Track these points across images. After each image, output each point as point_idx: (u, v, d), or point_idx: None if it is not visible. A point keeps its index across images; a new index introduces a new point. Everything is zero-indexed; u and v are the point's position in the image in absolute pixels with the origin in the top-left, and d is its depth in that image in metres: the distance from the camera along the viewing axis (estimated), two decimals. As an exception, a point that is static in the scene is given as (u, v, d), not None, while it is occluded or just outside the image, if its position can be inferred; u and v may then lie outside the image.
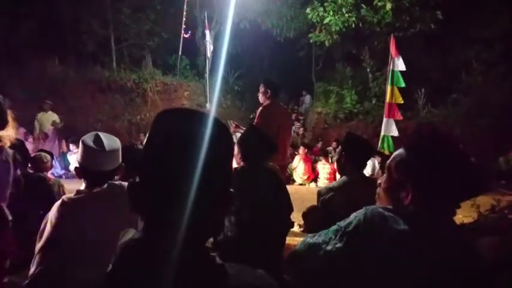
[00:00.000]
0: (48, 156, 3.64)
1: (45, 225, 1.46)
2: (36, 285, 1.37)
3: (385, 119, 5.38)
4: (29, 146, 6.96)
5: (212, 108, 9.35)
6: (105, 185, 1.49)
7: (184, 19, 10.55)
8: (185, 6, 10.50)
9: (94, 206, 1.44)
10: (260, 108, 3.59)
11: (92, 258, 1.28)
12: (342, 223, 1.03)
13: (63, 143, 7.98)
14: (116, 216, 1.18)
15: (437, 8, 8.97)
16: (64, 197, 1.53)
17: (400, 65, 5.38)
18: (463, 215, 3.53)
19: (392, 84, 5.37)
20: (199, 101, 11.10)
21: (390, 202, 1.04)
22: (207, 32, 10.14)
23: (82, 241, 1.36)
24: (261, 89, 3.65)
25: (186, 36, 10.86)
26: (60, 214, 1.45)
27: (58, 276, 1.37)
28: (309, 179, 7.64)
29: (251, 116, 10.25)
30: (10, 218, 2.29)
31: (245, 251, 1.77)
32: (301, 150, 7.78)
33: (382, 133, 5.35)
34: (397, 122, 5.38)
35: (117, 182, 1.50)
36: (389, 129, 5.29)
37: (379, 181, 1.12)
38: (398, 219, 0.95)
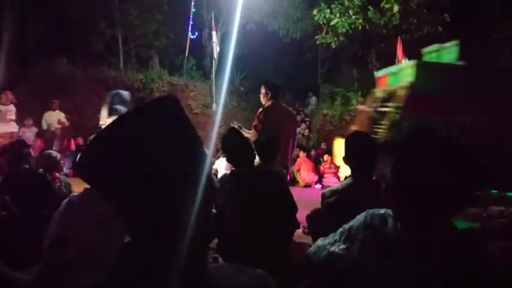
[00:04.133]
0: (56, 154, 3.66)
1: (53, 223, 1.48)
2: (42, 282, 1.39)
3: (391, 122, 5.33)
4: (40, 145, 7.04)
5: (218, 109, 9.37)
6: None
7: (191, 20, 10.59)
8: (192, 7, 10.55)
9: (101, 204, 1.45)
10: (259, 110, 3.62)
11: (99, 257, 1.30)
12: (347, 225, 1.04)
13: (72, 141, 8.06)
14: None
15: (445, 11, 8.90)
16: (72, 196, 1.55)
17: (406, 67, 5.34)
18: (471, 219, 3.49)
19: (398, 86, 5.34)
20: (205, 102, 11.13)
21: (393, 204, 1.04)
22: (214, 33, 10.19)
23: (90, 239, 1.37)
24: (262, 90, 3.68)
25: (192, 37, 10.91)
26: (67, 212, 1.47)
27: (64, 273, 1.38)
28: (312, 181, 7.64)
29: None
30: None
31: (248, 252, 1.77)
32: (301, 153, 7.83)
33: (388, 136, 5.30)
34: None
35: None
36: (396, 132, 5.24)
37: None
38: (398, 221, 0.95)
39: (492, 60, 8.81)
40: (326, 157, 7.92)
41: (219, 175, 5.89)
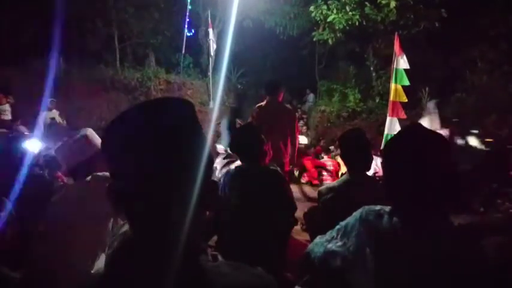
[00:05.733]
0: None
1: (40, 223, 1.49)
2: (29, 280, 1.40)
3: (388, 118, 5.35)
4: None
5: (215, 107, 9.35)
6: (89, 177, 1.51)
7: (187, 17, 10.54)
8: (188, 5, 10.50)
9: (81, 198, 1.46)
10: (254, 108, 3.75)
11: (81, 252, 1.31)
12: (343, 222, 1.05)
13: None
14: (103, 208, 1.19)
15: (442, 6, 8.90)
16: (54, 197, 1.56)
17: (403, 63, 5.35)
18: (468, 214, 3.51)
19: (396, 82, 5.35)
20: (202, 99, 11.10)
21: (389, 199, 1.06)
22: (210, 30, 10.14)
23: (72, 235, 1.37)
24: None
25: (189, 34, 10.86)
26: (49, 212, 1.48)
27: (50, 270, 1.38)
28: (310, 178, 7.64)
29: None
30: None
31: (247, 249, 1.77)
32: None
33: (386, 132, 5.32)
34: (400, 121, 5.35)
35: (100, 174, 1.50)
36: (393, 128, 5.26)
37: None
38: (393, 217, 0.96)
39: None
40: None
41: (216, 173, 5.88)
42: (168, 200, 0.56)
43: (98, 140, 1.62)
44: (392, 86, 5.37)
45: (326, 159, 7.80)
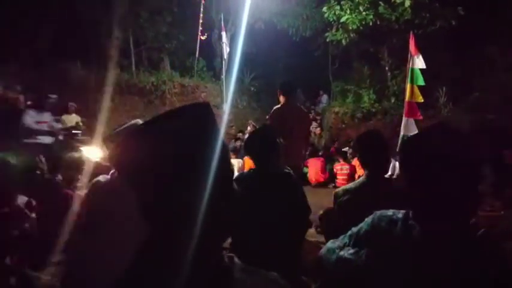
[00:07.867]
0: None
1: (79, 209, 1.49)
2: (72, 270, 1.40)
3: (404, 119, 5.26)
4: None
5: (228, 109, 9.40)
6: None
7: (200, 21, 10.65)
8: (201, 9, 10.61)
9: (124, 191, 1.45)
10: (272, 110, 3.70)
11: (120, 243, 1.31)
12: (355, 228, 1.03)
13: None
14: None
15: (458, 4, 8.70)
16: (100, 177, 1.54)
17: (419, 62, 5.25)
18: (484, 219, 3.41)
19: (412, 82, 5.25)
20: (215, 102, 11.17)
21: (410, 203, 1.02)
22: (223, 33, 10.21)
23: (112, 224, 1.38)
24: (278, 91, 3.79)
25: (202, 38, 10.97)
26: (91, 197, 1.47)
27: (92, 259, 1.39)
28: (321, 180, 7.52)
29: (266, 117, 10.23)
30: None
31: (261, 253, 1.77)
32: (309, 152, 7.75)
33: (402, 133, 5.23)
34: (417, 122, 5.25)
35: None
36: (409, 129, 5.17)
37: None
38: (407, 223, 0.92)
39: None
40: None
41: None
42: (193, 198, 0.57)
43: None
44: (408, 86, 5.28)
45: (338, 164, 7.59)
